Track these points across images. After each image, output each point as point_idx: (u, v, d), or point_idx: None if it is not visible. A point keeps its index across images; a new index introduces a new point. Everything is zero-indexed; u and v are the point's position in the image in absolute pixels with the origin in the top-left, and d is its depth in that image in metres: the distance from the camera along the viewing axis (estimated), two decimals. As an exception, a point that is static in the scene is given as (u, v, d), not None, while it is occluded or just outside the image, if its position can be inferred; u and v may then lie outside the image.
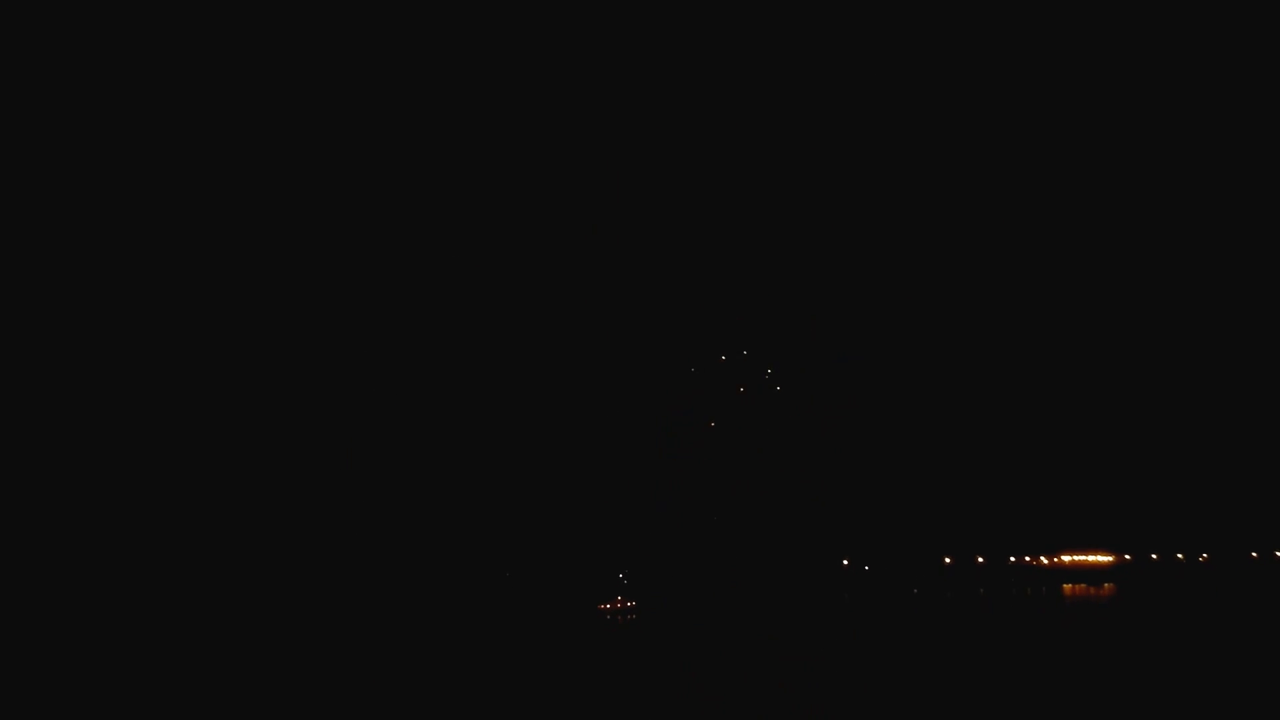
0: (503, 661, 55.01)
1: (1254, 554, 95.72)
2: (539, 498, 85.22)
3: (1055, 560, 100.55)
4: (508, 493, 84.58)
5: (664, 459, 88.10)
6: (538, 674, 50.33)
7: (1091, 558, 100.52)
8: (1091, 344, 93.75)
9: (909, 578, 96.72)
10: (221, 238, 79.58)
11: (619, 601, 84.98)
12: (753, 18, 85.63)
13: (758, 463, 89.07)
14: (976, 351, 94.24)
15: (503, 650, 59.65)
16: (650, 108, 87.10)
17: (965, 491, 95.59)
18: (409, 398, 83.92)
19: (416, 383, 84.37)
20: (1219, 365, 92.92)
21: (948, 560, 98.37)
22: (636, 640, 67.36)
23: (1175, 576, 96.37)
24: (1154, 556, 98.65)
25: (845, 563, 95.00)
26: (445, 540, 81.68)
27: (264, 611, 72.23)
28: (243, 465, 78.35)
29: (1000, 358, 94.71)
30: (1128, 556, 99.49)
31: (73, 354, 75.72)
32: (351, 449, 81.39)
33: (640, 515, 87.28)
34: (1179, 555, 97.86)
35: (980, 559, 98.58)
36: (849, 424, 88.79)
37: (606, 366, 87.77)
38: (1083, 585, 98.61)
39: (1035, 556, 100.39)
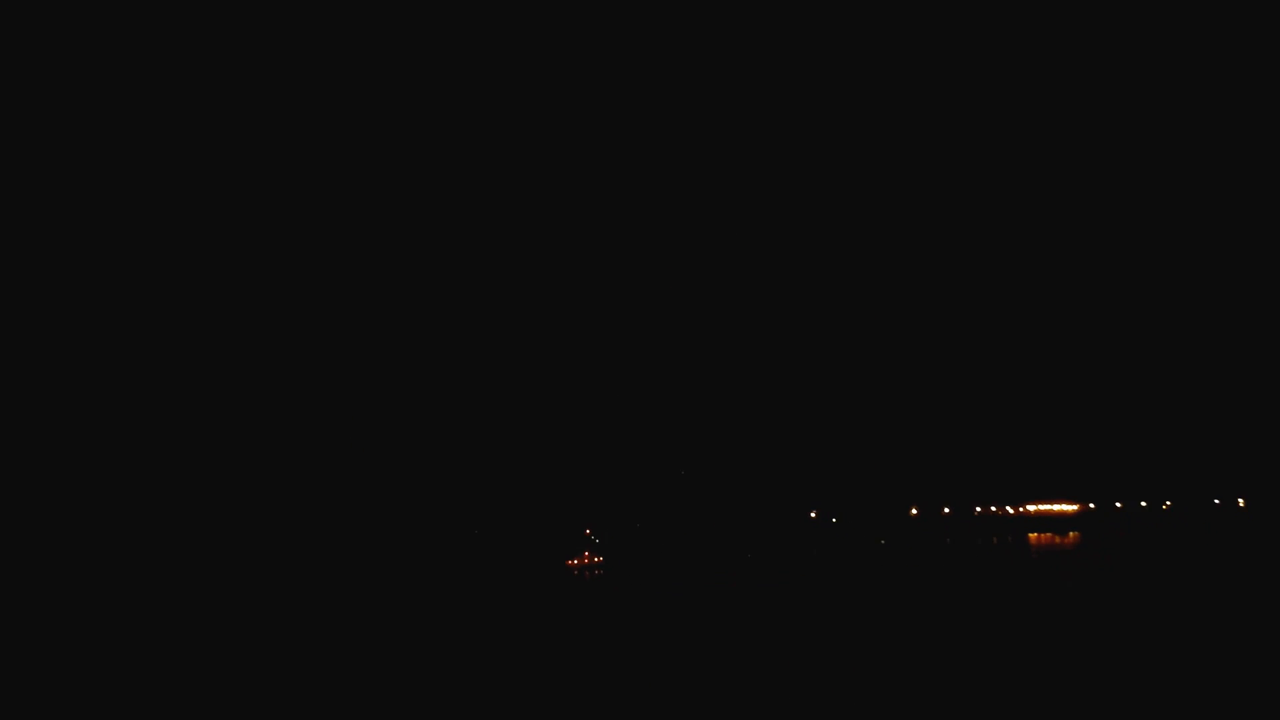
0: (474, 617, 54.82)
1: (1216, 501, 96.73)
2: (507, 458, 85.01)
3: (1020, 510, 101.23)
4: (476, 453, 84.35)
5: (629, 416, 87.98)
6: (508, 629, 50.18)
7: (1056, 507, 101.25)
8: (1053, 296, 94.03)
9: (876, 529, 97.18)
10: (187, 243, 79.09)
11: (586, 557, 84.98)
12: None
13: (723, 417, 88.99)
14: (938, 305, 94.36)
15: (473, 606, 59.46)
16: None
17: (930, 443, 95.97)
18: (385, 370, 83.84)
19: (392, 356, 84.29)
20: (1181, 317, 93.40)
21: (914, 512, 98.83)
22: (604, 595, 67.29)
23: (1140, 524, 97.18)
24: (1118, 505, 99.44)
25: (812, 515, 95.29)
26: (417, 501, 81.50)
27: (244, 566, 72.10)
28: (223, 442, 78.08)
29: (962, 311, 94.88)
30: (1092, 505, 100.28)
31: (67, 355, 75.37)
32: (330, 420, 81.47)
33: (607, 472, 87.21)
34: (1143, 503, 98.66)
35: (946, 509, 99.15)
36: (814, 378, 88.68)
37: (571, 330, 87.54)
38: (1048, 534, 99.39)
39: (1001, 506, 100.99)
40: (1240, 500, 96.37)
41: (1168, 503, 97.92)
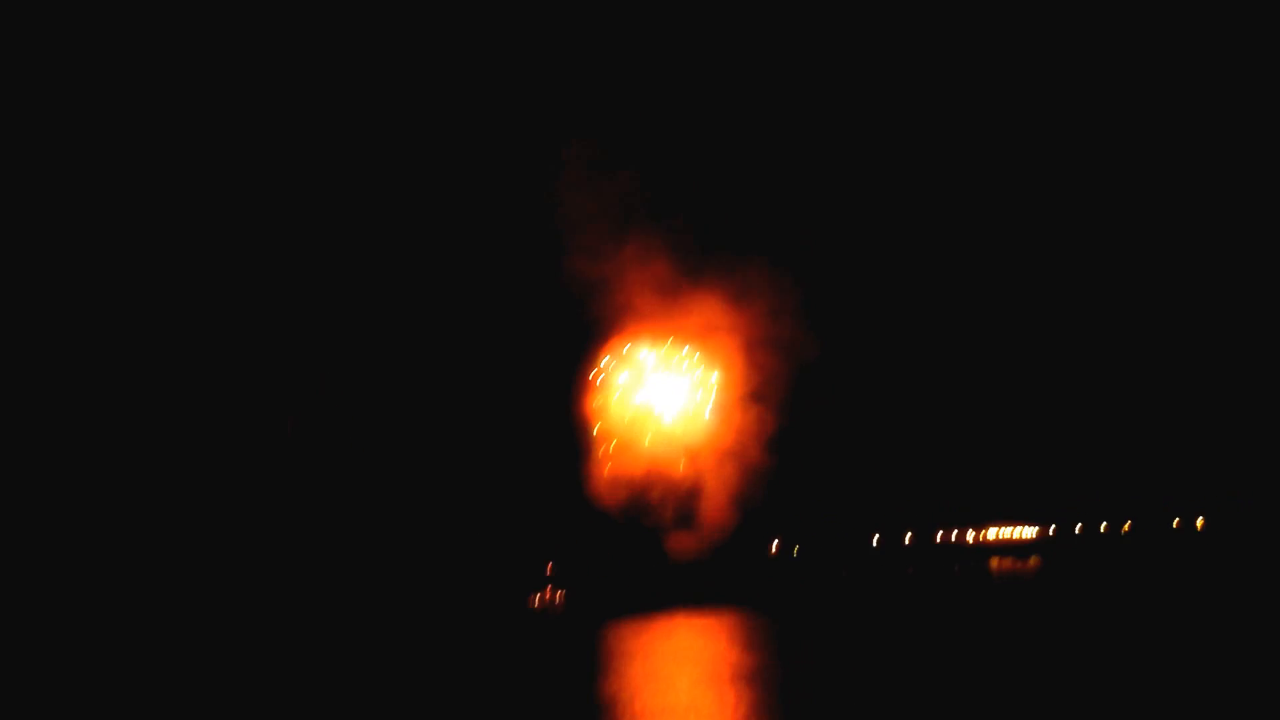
0: (441, 656, 54.06)
1: (1175, 523, 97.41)
2: (468, 494, 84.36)
3: (981, 537, 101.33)
4: (439, 490, 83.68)
5: (589, 452, 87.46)
6: (476, 667, 49.47)
7: (1016, 532, 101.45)
8: (1011, 322, 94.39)
9: (838, 559, 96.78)
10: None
11: (548, 592, 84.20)
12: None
13: (681, 448, 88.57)
14: (898, 330, 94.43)
15: (439, 646, 58.66)
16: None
17: (890, 472, 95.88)
18: (343, 407, 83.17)
19: (351, 393, 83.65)
20: (1136, 345, 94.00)
21: (876, 540, 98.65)
22: (566, 630, 66.59)
23: (1099, 547, 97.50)
24: (1078, 529, 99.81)
25: (774, 547, 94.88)
26: (381, 539, 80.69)
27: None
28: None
29: (920, 336, 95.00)
30: (1052, 530, 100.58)
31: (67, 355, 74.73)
32: (296, 449, 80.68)
33: (567, 508, 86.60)
34: (1102, 527, 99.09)
35: (908, 537, 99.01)
36: (776, 406, 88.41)
37: (527, 367, 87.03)
38: (1010, 559, 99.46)
39: (962, 533, 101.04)
40: (1199, 521, 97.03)
41: (1127, 524, 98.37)
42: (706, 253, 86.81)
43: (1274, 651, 39.38)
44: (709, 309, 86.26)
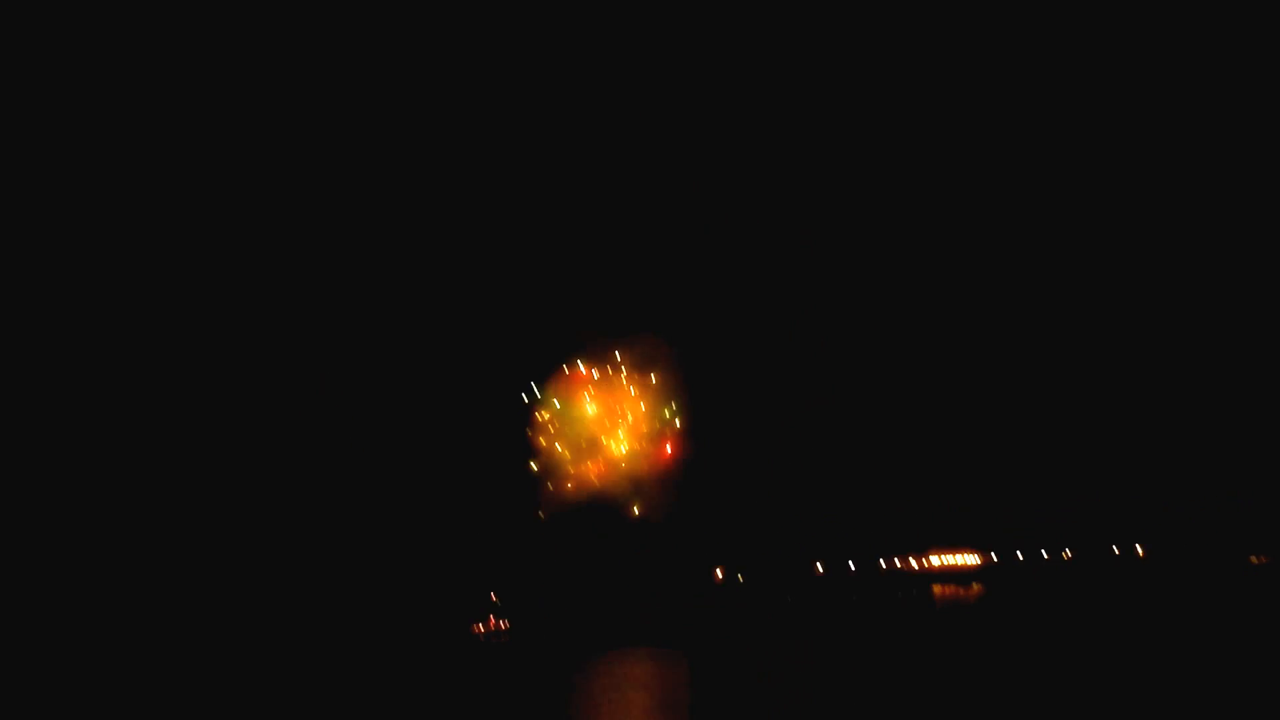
0: (383, 685, 53.49)
1: (1115, 549, 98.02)
2: (409, 521, 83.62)
3: (925, 564, 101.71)
4: (381, 517, 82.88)
5: (534, 480, 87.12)
6: (420, 697, 49.00)
7: (959, 559, 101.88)
8: (952, 345, 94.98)
9: (782, 587, 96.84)
10: None
11: (492, 622, 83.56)
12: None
13: (627, 475, 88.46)
14: (836, 353, 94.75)
15: (380, 676, 58.00)
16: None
17: (834, 497, 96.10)
18: (289, 436, 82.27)
19: (297, 421, 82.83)
20: (1076, 368, 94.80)
21: (819, 567, 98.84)
22: (510, 661, 66.17)
23: (1041, 574, 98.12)
24: (1019, 555, 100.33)
25: (719, 574, 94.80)
26: (317, 566, 79.76)
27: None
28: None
29: (859, 360, 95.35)
30: (995, 557, 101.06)
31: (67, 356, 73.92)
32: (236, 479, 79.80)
33: (510, 536, 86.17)
34: (1043, 554, 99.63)
35: (852, 565, 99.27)
36: (716, 432, 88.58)
37: (474, 385, 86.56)
38: (952, 587, 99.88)
39: (905, 560, 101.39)
40: (1138, 548, 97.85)
41: (1068, 552, 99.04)
42: (651, 282, 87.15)
43: (1216, 676, 39.81)
44: (654, 339, 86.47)
